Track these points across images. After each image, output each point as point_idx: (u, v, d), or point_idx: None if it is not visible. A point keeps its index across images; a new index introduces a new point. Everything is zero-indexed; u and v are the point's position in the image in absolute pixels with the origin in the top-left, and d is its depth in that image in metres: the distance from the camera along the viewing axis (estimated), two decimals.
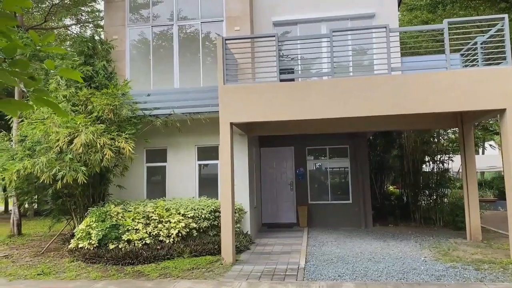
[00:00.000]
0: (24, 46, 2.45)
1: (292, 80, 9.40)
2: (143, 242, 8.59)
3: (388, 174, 16.19)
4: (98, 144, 8.52)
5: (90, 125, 8.75)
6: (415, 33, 18.74)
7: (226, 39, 8.64)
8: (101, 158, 8.64)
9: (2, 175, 8.72)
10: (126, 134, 9.12)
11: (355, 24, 11.51)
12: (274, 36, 8.51)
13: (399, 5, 13.61)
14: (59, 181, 8.46)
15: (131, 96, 9.85)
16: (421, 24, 19.07)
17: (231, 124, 8.38)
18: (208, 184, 10.78)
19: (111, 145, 8.70)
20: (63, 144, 8.42)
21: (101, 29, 12.90)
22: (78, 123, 8.64)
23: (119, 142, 8.81)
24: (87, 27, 18.66)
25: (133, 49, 11.56)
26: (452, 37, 8.46)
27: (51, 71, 9.51)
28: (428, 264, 7.61)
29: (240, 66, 9.97)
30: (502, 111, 7.66)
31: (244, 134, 10.40)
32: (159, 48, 11.56)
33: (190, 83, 10.93)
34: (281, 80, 8.47)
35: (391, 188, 17.87)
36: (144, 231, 8.70)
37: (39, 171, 8.36)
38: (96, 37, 11.00)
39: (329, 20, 11.63)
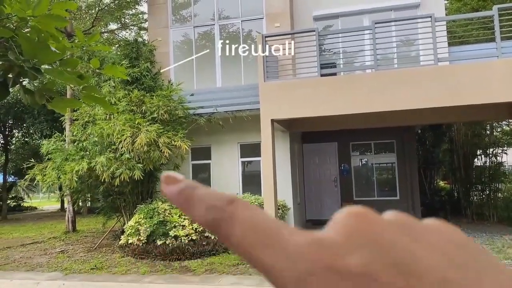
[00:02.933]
0: (71, 48, 2.56)
1: (334, 74, 9.27)
2: (190, 238, 8.77)
3: (438, 169, 15.62)
4: (160, 143, 8.85)
5: (148, 125, 9.08)
6: (464, 22, 17.93)
7: (265, 36, 8.65)
8: (159, 155, 8.96)
9: (63, 177, 9.20)
10: (181, 133, 9.40)
11: (399, 15, 11.16)
12: (314, 30, 8.43)
13: None
14: (117, 179, 8.83)
15: (183, 97, 10.11)
16: (471, 12, 18.23)
17: (272, 120, 8.39)
18: (251, 180, 10.86)
19: (168, 144, 9.00)
20: (128, 144, 8.78)
21: (145, 31, 13.32)
22: (137, 122, 9.00)
23: (175, 141, 9.10)
24: (132, 30, 19.29)
25: (177, 50, 11.82)
26: (505, 24, 8.04)
27: (104, 75, 9.92)
28: None
29: (280, 62, 9.95)
30: None
31: (285, 130, 10.38)
32: (202, 47, 11.75)
33: (232, 81, 11.04)
34: (323, 75, 8.37)
35: (441, 183, 17.25)
36: (191, 227, 8.88)
37: (100, 170, 8.78)
38: (139, 39, 11.36)
39: (371, 11, 11.35)
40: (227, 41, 11.44)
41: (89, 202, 16.92)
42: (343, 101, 8.04)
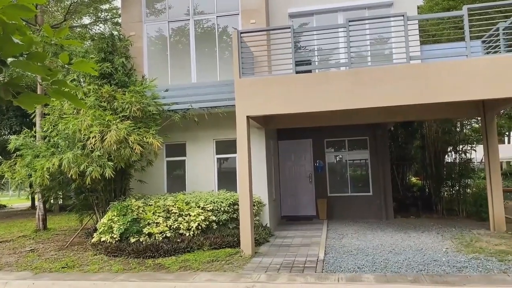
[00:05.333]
0: (40, 42, 2.49)
1: (309, 71, 9.33)
2: (164, 235, 8.71)
3: (410, 165, 15.95)
4: (130, 141, 8.68)
5: (119, 122, 8.90)
6: (436, 21, 18.35)
7: (241, 32, 8.63)
8: (130, 153, 8.81)
9: (34, 175, 8.95)
10: (153, 130, 9.26)
11: (372, 13, 11.34)
12: (289, 28, 8.45)
13: None
14: (87, 177, 8.65)
15: (156, 93, 9.97)
16: (443, 11, 18.64)
17: (248, 117, 8.39)
18: (227, 177, 10.84)
19: (139, 141, 8.85)
20: (96, 142, 8.58)
21: (120, 26, 13.07)
22: (107, 120, 8.81)
23: (147, 138, 8.96)
24: (106, 25, 18.91)
25: (151, 45, 11.67)
26: (474, 23, 8.25)
27: (72, 69, 9.68)
28: (450, 255, 7.49)
29: (256, 59, 9.95)
30: None
31: (261, 127, 10.40)
32: (176, 43, 11.64)
33: (207, 77, 10.98)
34: (298, 72, 8.42)
35: (413, 179, 17.63)
36: (165, 224, 8.81)
37: (66, 166, 8.57)
38: (115, 33, 11.15)
39: (345, 9, 11.49)
40: (202, 37, 11.36)
41: (61, 200, 16.55)
42: (317, 98, 8.10)
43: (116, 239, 8.62)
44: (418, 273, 6.47)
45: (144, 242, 8.50)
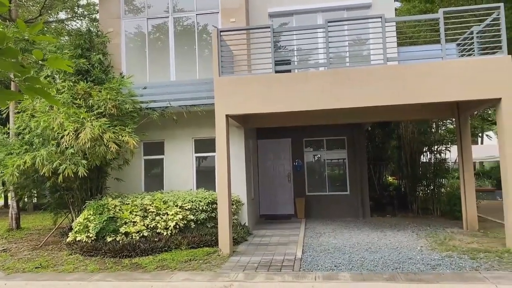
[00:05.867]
0: (12, 37, 2.42)
1: (289, 71, 9.37)
2: (141, 234, 8.62)
3: (386, 165, 16.21)
4: (104, 139, 8.53)
5: (94, 119, 8.74)
6: (413, 23, 18.66)
7: (221, 31, 8.61)
8: (105, 151, 8.66)
9: (5, 172, 8.72)
10: (129, 128, 9.13)
11: (351, 14, 11.45)
12: (269, 27, 8.47)
13: None
14: (60, 175, 8.47)
15: (134, 91, 9.83)
16: (420, 14, 18.98)
17: (227, 116, 8.38)
18: (206, 176, 10.80)
19: (115, 139, 8.71)
20: (70, 139, 8.41)
21: (98, 23, 12.85)
22: (82, 117, 8.64)
23: (123, 136, 8.83)
24: (83, 21, 18.57)
25: (129, 42, 11.52)
26: (450, 26, 8.43)
27: (46, 66, 9.47)
28: (424, 253, 7.65)
29: (236, 58, 9.95)
30: (497, 101, 7.66)
31: (240, 126, 10.40)
32: (155, 40, 11.53)
33: (186, 75, 10.91)
34: (277, 72, 8.44)
35: (390, 179, 17.90)
36: (142, 223, 8.72)
37: (40, 164, 8.38)
38: (93, 30, 10.95)
39: (325, 10, 11.58)
40: (181, 35, 11.28)
41: (36, 198, 16.18)
42: (297, 97, 8.15)
43: (92, 239, 8.49)
44: (394, 271, 6.58)
45: (120, 242, 8.40)
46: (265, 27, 8.87)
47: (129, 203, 9.06)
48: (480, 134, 33.28)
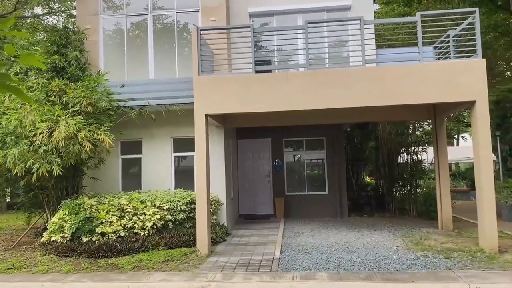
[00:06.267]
0: None
1: (269, 71, 9.37)
2: (118, 234, 8.49)
3: (365, 165, 16.38)
4: (79, 137, 8.36)
5: (68, 117, 8.56)
6: (392, 26, 18.94)
7: (201, 30, 8.56)
8: (79, 150, 8.49)
9: None
10: (105, 126, 8.98)
11: (331, 16, 11.56)
12: (249, 27, 8.46)
13: None
14: (34, 174, 8.27)
15: (109, 88, 9.66)
16: (398, 17, 19.27)
17: (206, 115, 8.33)
18: (184, 176, 10.72)
19: (90, 138, 8.54)
20: (44, 138, 8.21)
21: (75, 19, 12.60)
22: (56, 115, 8.45)
23: (98, 135, 8.67)
24: (60, 17, 18.20)
25: (108, 39, 11.35)
26: (427, 29, 8.57)
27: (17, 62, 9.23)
28: (400, 253, 7.76)
29: (216, 57, 9.90)
30: (472, 103, 7.82)
31: (220, 125, 10.36)
32: (134, 38, 11.38)
33: (165, 74, 10.81)
34: (257, 72, 8.44)
35: (368, 179, 18.11)
36: (119, 223, 8.60)
37: (11, 163, 8.16)
38: (70, 26, 10.74)
39: (305, 11, 11.64)
40: (161, 33, 11.17)
41: (9, 198, 15.79)
42: (276, 98, 8.16)
43: (67, 239, 8.33)
44: (370, 270, 6.66)
45: (96, 242, 8.26)
46: (245, 27, 8.86)
47: (105, 203, 8.93)
48: (456, 136, 34.03)
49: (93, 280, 6.63)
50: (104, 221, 8.56)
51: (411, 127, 14.56)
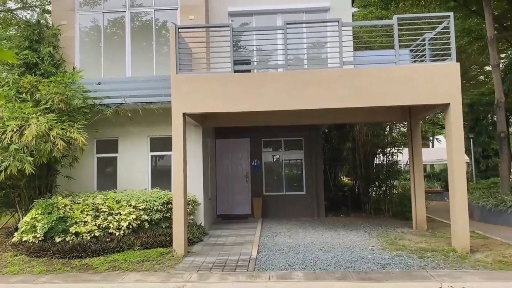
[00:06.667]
0: None
1: (248, 71, 9.36)
2: (92, 234, 8.34)
3: (342, 166, 16.55)
4: (51, 135, 8.16)
5: (40, 115, 8.35)
6: (370, 28, 19.19)
7: (179, 28, 8.48)
8: (51, 148, 8.28)
9: None
10: (79, 124, 8.79)
11: (310, 17, 11.63)
12: (228, 26, 8.43)
13: (353, 0, 13.86)
14: (2, 172, 8.05)
15: (83, 85, 9.48)
16: (376, 20, 19.54)
17: (184, 114, 8.26)
18: (161, 175, 10.61)
19: (62, 136, 8.35)
20: (14, 136, 7.98)
21: (50, 14, 12.32)
22: (27, 112, 8.23)
23: (71, 133, 8.48)
24: (34, 11, 17.77)
25: (85, 36, 11.13)
26: (404, 32, 8.70)
27: None
28: (375, 253, 7.86)
29: (195, 56, 9.83)
30: (446, 106, 7.98)
31: (198, 125, 10.30)
32: (112, 35, 11.21)
33: (143, 72, 10.68)
34: (236, 71, 8.41)
35: (345, 179, 18.30)
36: (93, 223, 8.45)
37: None
38: (43, 22, 10.49)
39: (284, 12, 11.68)
40: (139, 30, 11.03)
41: None
42: (255, 98, 8.15)
43: (40, 239, 8.14)
44: (346, 270, 6.72)
45: (70, 242, 8.10)
46: (224, 26, 8.84)
47: (80, 202, 8.76)
48: (431, 138, 34.72)
49: (66, 281, 6.50)
50: (78, 220, 8.39)
51: (387, 129, 14.79)
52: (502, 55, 21.22)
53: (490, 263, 6.95)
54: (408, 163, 10.92)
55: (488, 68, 21.06)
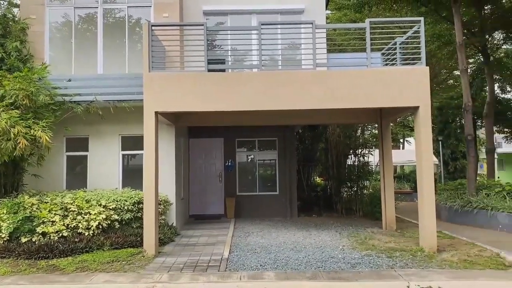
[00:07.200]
0: None
1: (223, 71, 9.33)
2: (60, 234, 8.15)
3: (315, 166, 16.69)
4: (11, 133, 7.90)
5: (3, 111, 8.08)
6: (343, 31, 19.45)
7: (152, 25, 8.38)
8: (13, 146, 8.02)
9: None
10: (44, 122, 8.54)
11: (285, 19, 11.69)
12: (202, 25, 8.38)
13: (327, 3, 14.01)
14: None
15: (49, 81, 9.22)
16: (349, 23, 19.81)
17: (156, 113, 8.17)
18: (133, 174, 10.45)
19: (26, 134, 8.09)
20: None
21: (18, 8, 11.93)
22: None
23: (35, 131, 8.23)
24: (1, 5, 17.21)
25: (55, 31, 10.87)
26: (377, 36, 8.85)
27: None
28: (346, 252, 7.97)
29: (168, 54, 9.73)
30: (415, 109, 8.16)
31: (171, 124, 10.20)
32: (83, 31, 10.98)
33: (115, 69, 10.50)
34: (210, 70, 8.37)
35: (318, 180, 18.47)
36: (62, 223, 8.25)
37: None
38: (9, 15, 10.17)
39: (259, 12, 11.71)
40: (112, 27, 10.84)
41: None
42: (229, 97, 8.14)
43: (5, 239, 7.92)
44: (316, 269, 6.79)
45: (37, 242, 7.90)
46: (198, 25, 8.78)
47: (48, 202, 8.54)
48: (401, 140, 35.45)
49: (32, 282, 6.33)
50: (45, 220, 8.18)
51: (359, 130, 15.02)
52: (470, 60, 21.88)
53: (455, 262, 7.15)
54: (378, 164, 11.12)
55: (457, 72, 21.66)
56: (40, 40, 10.50)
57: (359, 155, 14.24)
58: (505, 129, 26.47)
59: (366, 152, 14.33)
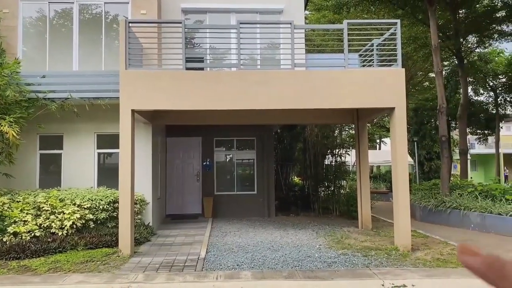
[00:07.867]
0: None
1: (201, 69, 9.28)
2: (32, 234, 7.97)
3: (293, 166, 16.78)
4: None
5: None
6: (322, 32, 19.59)
7: (129, 22, 8.26)
8: None
9: None
10: (12, 117, 8.30)
11: (264, 18, 11.70)
12: (180, 22, 8.31)
13: (306, 4, 14.09)
14: None
15: (20, 77, 8.97)
16: (328, 24, 19.97)
17: (133, 111, 8.05)
18: (109, 173, 10.29)
19: None
20: None
21: None
22: None
23: (1, 126, 7.99)
24: None
25: (29, 26, 10.60)
26: (354, 37, 8.94)
27: None
28: (322, 251, 8.03)
29: (146, 51, 9.62)
30: (391, 110, 8.28)
31: (148, 122, 10.08)
32: (59, 27, 10.74)
33: (91, 66, 10.32)
34: (188, 69, 8.30)
35: (296, 179, 18.56)
36: (34, 222, 8.06)
37: None
38: None
39: (238, 11, 11.68)
40: (88, 23, 10.65)
41: None
42: (207, 96, 8.09)
43: None
44: (293, 269, 6.82)
45: (8, 242, 7.70)
46: (176, 22, 8.72)
47: (20, 201, 8.33)
48: (378, 140, 35.95)
49: (2, 283, 6.15)
50: (17, 220, 7.98)
51: (337, 131, 15.16)
52: (445, 63, 22.35)
53: (429, 261, 7.29)
54: (355, 164, 11.25)
55: (432, 75, 22.08)
56: (13, 34, 10.23)
57: (336, 155, 14.38)
58: (478, 131, 27.20)
59: (343, 152, 14.48)
